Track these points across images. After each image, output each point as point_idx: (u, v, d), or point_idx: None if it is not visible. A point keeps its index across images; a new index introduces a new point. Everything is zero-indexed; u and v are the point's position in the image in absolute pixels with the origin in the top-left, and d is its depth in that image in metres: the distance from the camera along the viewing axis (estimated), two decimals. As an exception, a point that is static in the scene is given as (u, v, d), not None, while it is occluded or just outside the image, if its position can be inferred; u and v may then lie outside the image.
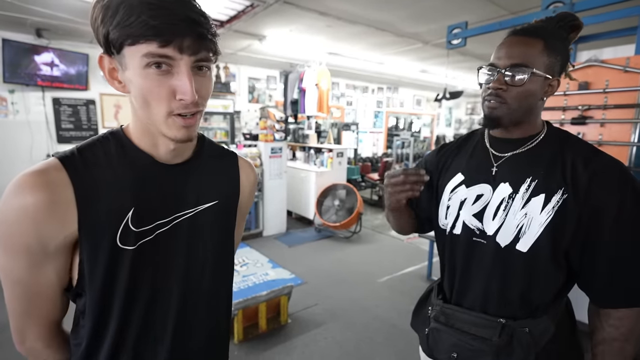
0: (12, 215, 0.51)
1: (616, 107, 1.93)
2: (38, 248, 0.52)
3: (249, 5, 3.19)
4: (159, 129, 0.54)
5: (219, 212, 0.67)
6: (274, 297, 2.43)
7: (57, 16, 3.46)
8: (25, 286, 0.55)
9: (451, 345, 0.85)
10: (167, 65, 0.50)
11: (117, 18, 0.48)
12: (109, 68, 0.54)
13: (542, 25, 0.77)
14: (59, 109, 4.51)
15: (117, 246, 0.56)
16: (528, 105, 0.77)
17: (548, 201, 0.73)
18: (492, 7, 3.03)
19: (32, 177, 0.51)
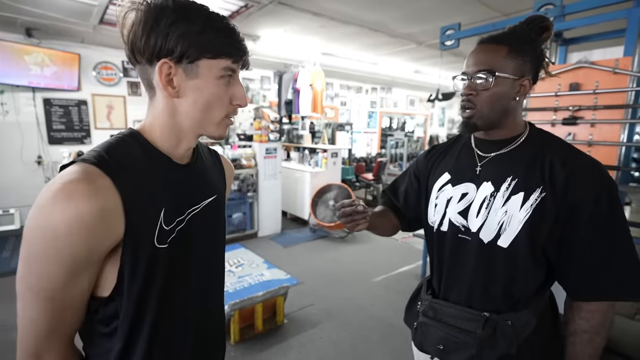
0: (61, 226, 0.48)
1: (606, 107, 1.96)
2: (84, 259, 0.51)
3: (243, 5, 3.18)
4: (207, 130, 0.62)
5: (217, 205, 0.73)
6: (270, 297, 2.43)
7: (47, 16, 3.42)
8: (58, 301, 0.53)
9: (438, 339, 0.89)
10: (231, 77, 0.60)
11: (198, 36, 0.55)
12: (167, 73, 0.56)
13: (508, 31, 0.81)
14: (49, 109, 4.45)
15: (154, 246, 0.58)
16: (500, 107, 0.80)
17: (527, 199, 0.77)
18: (485, 9, 3.07)
19: (83, 184, 0.50)
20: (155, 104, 0.61)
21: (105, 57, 4.74)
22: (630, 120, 1.95)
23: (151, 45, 0.55)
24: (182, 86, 0.58)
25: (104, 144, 0.58)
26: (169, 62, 0.56)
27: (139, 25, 0.54)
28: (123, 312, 0.58)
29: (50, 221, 0.49)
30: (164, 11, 0.54)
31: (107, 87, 4.82)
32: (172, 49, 0.55)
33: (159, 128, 0.61)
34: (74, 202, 0.49)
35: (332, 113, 7.64)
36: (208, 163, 0.75)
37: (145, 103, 2.94)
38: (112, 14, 3.40)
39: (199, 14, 0.56)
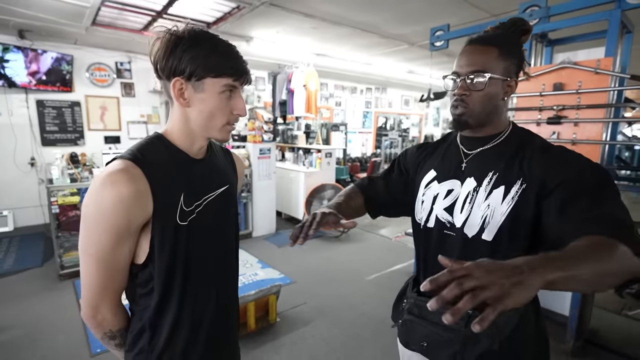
0: (108, 202, 0.66)
1: (589, 107, 2.01)
2: (125, 228, 0.68)
3: (234, 7, 3.20)
4: (211, 133, 0.78)
5: (230, 193, 0.89)
6: (263, 296, 2.45)
7: (40, 17, 3.42)
8: (108, 262, 0.70)
9: (423, 336, 0.90)
10: (232, 92, 0.75)
11: (204, 59, 0.70)
12: (179, 88, 0.72)
13: (497, 33, 0.85)
14: (43, 111, 4.44)
15: (177, 223, 0.75)
16: (491, 107, 0.83)
17: (508, 192, 0.79)
18: (473, 10, 3.11)
19: (122, 173, 0.67)
20: (174, 112, 0.78)
21: (98, 58, 4.74)
22: (612, 119, 2.00)
23: (169, 66, 0.71)
24: (191, 98, 0.74)
25: (136, 144, 0.76)
26: (181, 79, 0.72)
27: (162, 50, 0.71)
28: (156, 274, 0.75)
29: (100, 200, 0.67)
30: (181, 40, 0.70)
31: (100, 89, 4.81)
32: (184, 69, 0.71)
33: (177, 131, 0.78)
34: (117, 186, 0.67)
35: (327, 113, 7.67)
36: (221, 159, 0.91)
37: (138, 104, 3.12)
38: (105, 15, 3.41)
39: (206, 41, 0.72)
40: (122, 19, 3.56)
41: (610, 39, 1.96)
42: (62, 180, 3.14)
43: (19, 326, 2.43)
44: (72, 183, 3.17)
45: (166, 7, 3.17)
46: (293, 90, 5.18)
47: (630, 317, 2.61)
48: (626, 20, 2.03)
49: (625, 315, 2.65)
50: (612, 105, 1.96)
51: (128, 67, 4.99)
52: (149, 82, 5.08)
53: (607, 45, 1.97)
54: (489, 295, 0.46)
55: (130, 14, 3.39)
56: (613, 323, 2.56)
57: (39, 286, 3.06)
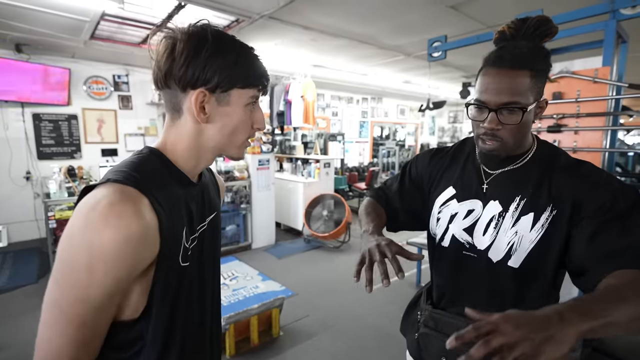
0: (111, 246, 0.48)
1: (588, 115, 2.03)
2: (125, 279, 0.52)
3: (234, 20, 3.23)
4: (228, 152, 0.67)
5: (217, 220, 0.78)
6: (265, 310, 2.41)
7: (38, 31, 3.42)
8: (89, 329, 0.51)
9: (440, 350, 0.87)
10: (255, 104, 0.66)
11: (235, 67, 0.60)
12: (202, 101, 0.60)
13: (527, 50, 0.73)
14: (39, 124, 4.41)
15: (180, 265, 0.61)
16: (524, 134, 0.77)
17: (537, 219, 0.75)
18: (470, 21, 3.16)
19: (130, 205, 0.51)
20: (180, 126, 0.63)
21: (96, 71, 4.74)
22: (611, 127, 2.03)
23: (189, 75, 0.58)
24: (212, 113, 0.61)
25: (127, 163, 0.59)
26: (205, 91, 0.59)
27: (180, 55, 0.57)
28: (152, 332, 0.58)
29: (99, 242, 0.48)
30: (203, 43, 0.57)
31: (97, 102, 4.80)
32: (209, 79, 0.59)
33: (182, 148, 0.64)
34: (124, 222, 0.49)
35: (323, 123, 7.71)
36: (208, 180, 0.78)
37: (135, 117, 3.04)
38: (104, 29, 3.42)
39: (232, 46, 0.61)
40: (121, 33, 3.58)
41: (607, 48, 1.99)
42: (59, 194, 3.10)
43: (15, 345, 2.36)
44: (70, 197, 3.13)
45: (166, 20, 3.19)
46: (291, 101, 5.21)
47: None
48: (621, 31, 2.07)
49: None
50: (611, 114, 1.99)
51: (126, 80, 4.99)
52: (147, 95, 5.08)
53: (604, 55, 2.01)
54: (517, 354, 0.42)
55: (130, 28, 3.41)
56: (618, 330, 2.54)
57: (35, 303, 2.99)
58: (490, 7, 2.87)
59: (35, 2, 2.72)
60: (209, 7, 2.84)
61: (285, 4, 2.78)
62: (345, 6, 2.91)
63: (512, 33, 0.77)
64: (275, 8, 2.88)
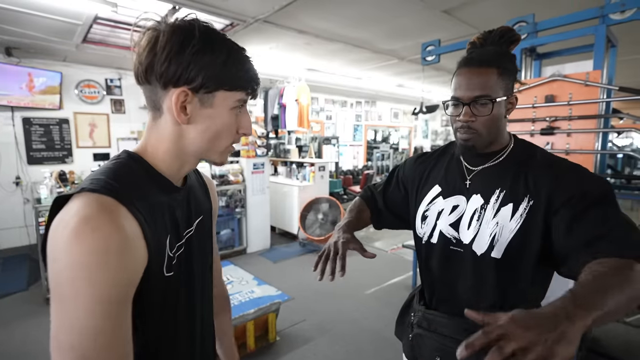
0: (93, 260, 0.45)
1: (580, 118, 2.06)
2: (117, 296, 0.47)
3: (228, 24, 3.23)
4: (211, 157, 0.63)
5: (206, 223, 0.74)
6: (262, 314, 2.39)
7: (29, 35, 3.38)
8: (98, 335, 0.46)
9: (434, 350, 0.89)
10: (242, 107, 0.62)
11: (223, 67, 0.56)
12: (183, 100, 0.56)
13: (494, 51, 0.82)
14: (29, 129, 4.34)
15: (164, 275, 0.57)
16: (497, 127, 0.83)
17: (516, 210, 0.79)
18: (462, 25, 3.20)
19: (104, 215, 0.47)
20: (160, 127, 0.59)
21: (88, 75, 4.69)
22: (603, 130, 2.06)
23: (171, 72, 0.54)
24: (194, 114, 0.58)
25: (104, 169, 0.55)
26: (187, 90, 0.55)
27: (162, 50, 0.53)
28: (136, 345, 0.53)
29: (77, 259, 0.44)
30: (190, 39, 0.53)
31: (90, 105, 4.74)
32: (193, 78, 0.55)
33: (163, 152, 0.60)
34: (100, 234, 0.45)
35: (318, 127, 7.72)
36: (194, 182, 0.74)
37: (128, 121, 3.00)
38: (96, 32, 3.39)
39: (223, 45, 0.56)
40: (114, 36, 3.55)
41: (597, 52, 2.03)
42: (51, 199, 3.05)
43: (4, 354, 2.30)
44: (61, 202, 3.07)
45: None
46: (285, 105, 5.22)
47: (629, 324, 2.63)
48: (610, 35, 2.11)
49: (623, 322, 2.67)
50: (603, 116, 2.02)
51: (118, 84, 4.95)
52: (140, 99, 5.04)
53: (595, 59, 2.05)
54: (532, 358, 0.42)
55: (123, 32, 3.38)
56: (612, 331, 2.57)
57: (25, 311, 2.92)
58: (482, 12, 2.91)
59: (26, 5, 2.69)
60: (203, 11, 2.83)
61: (280, 7, 2.79)
62: (340, 10, 2.93)
63: (481, 42, 0.87)
64: (270, 12, 2.89)
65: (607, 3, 2.01)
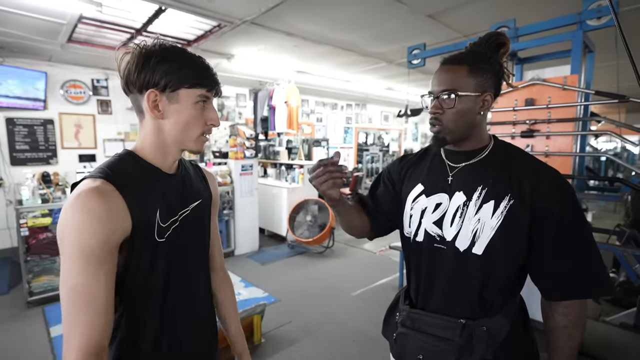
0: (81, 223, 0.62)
1: (559, 121, 2.12)
2: (101, 246, 0.63)
3: (216, 25, 3.22)
4: (187, 145, 0.77)
5: (203, 208, 0.88)
6: (246, 316, 2.38)
7: (13, 34, 3.32)
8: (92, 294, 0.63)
9: (417, 348, 0.89)
10: (205, 103, 0.76)
11: (178, 71, 0.71)
12: (154, 100, 0.71)
13: (467, 52, 0.87)
14: (12, 129, 4.26)
15: (156, 240, 0.73)
16: (465, 122, 0.86)
17: (497, 207, 0.81)
18: (447, 30, 3.26)
19: (92, 191, 0.64)
20: (145, 125, 0.76)
21: (73, 75, 4.63)
22: (580, 132, 2.11)
23: (142, 79, 0.70)
24: (165, 110, 0.73)
25: (105, 162, 0.73)
26: (155, 91, 0.71)
27: (132, 64, 0.70)
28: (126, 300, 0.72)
29: (72, 223, 0.62)
30: (153, 53, 0.70)
31: (75, 106, 4.68)
32: (158, 81, 0.70)
33: (148, 145, 0.76)
34: (86, 202, 0.63)
35: (308, 129, 7.73)
36: (192, 174, 0.89)
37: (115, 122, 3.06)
38: (81, 32, 3.36)
39: (178, 54, 0.73)
40: (100, 36, 3.51)
41: (575, 57, 2.09)
42: (32, 201, 2.99)
43: (-19, 360, 2.25)
44: (44, 204, 3.02)
45: (146, 24, 3.15)
46: (274, 107, 5.21)
47: (608, 323, 2.69)
48: (588, 41, 2.17)
49: (603, 321, 2.72)
50: (580, 119, 2.07)
51: (105, 84, 4.89)
52: (127, 100, 4.95)
53: (572, 64, 2.10)
54: None
55: (109, 32, 3.35)
56: (592, 329, 2.62)
57: (5, 314, 2.86)
58: (465, 17, 2.96)
59: (10, 4, 2.65)
60: (190, 12, 2.83)
61: (267, 9, 2.80)
62: (327, 13, 2.95)
63: (471, 47, 0.91)
64: (257, 14, 2.90)
65: (584, 9, 2.07)
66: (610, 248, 2.06)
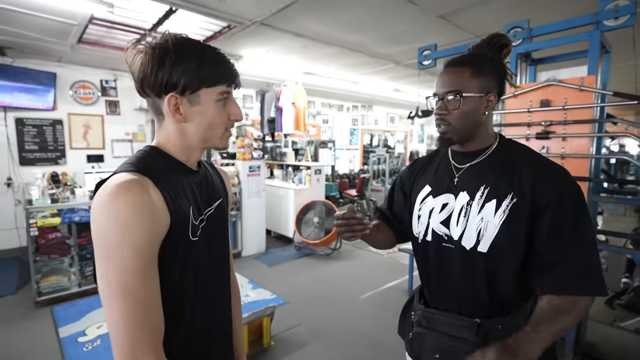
0: (127, 212, 0.57)
1: (575, 122, 2.08)
2: (149, 245, 0.60)
3: (225, 26, 3.22)
4: (213, 143, 0.73)
5: (223, 207, 0.86)
6: (256, 319, 2.36)
7: (23, 34, 3.34)
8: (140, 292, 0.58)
9: (433, 348, 0.91)
10: (227, 99, 0.71)
11: (199, 69, 0.66)
12: (175, 104, 0.67)
13: (469, 54, 0.90)
14: (22, 129, 4.28)
15: (189, 239, 0.69)
16: (471, 122, 0.87)
17: (499, 205, 0.83)
18: (458, 31, 3.23)
19: (133, 182, 0.60)
20: (165, 127, 0.72)
21: (82, 76, 4.65)
22: (597, 134, 2.07)
23: (159, 82, 0.66)
24: (187, 113, 0.69)
25: (131, 158, 0.69)
26: (175, 95, 0.67)
27: (147, 66, 0.65)
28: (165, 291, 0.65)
29: (116, 212, 0.57)
30: (167, 52, 0.65)
31: (84, 107, 4.70)
32: (176, 83, 0.66)
33: (172, 146, 0.72)
34: (131, 193, 0.58)
35: (314, 131, 7.72)
36: (211, 173, 0.87)
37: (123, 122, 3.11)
38: (91, 33, 3.37)
39: (195, 51, 0.67)
40: (110, 37, 3.53)
41: (592, 58, 2.05)
42: (42, 201, 3.00)
43: (-9, 360, 2.25)
44: (53, 204, 3.03)
45: (156, 25, 3.16)
46: (282, 108, 5.21)
47: (623, 329, 2.64)
48: (605, 41, 2.14)
49: (617, 326, 2.67)
50: (597, 121, 2.03)
51: (113, 85, 4.91)
52: (135, 100, 5.00)
53: (589, 64, 2.06)
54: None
55: (119, 32, 3.36)
56: (607, 335, 2.57)
57: (13, 315, 2.86)
58: (478, 18, 2.93)
59: (21, 4, 2.66)
60: (200, 13, 2.82)
61: (278, 10, 2.79)
62: (337, 14, 2.94)
63: (473, 48, 0.94)
64: (267, 15, 2.89)
65: (601, 9, 2.03)
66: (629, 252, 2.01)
